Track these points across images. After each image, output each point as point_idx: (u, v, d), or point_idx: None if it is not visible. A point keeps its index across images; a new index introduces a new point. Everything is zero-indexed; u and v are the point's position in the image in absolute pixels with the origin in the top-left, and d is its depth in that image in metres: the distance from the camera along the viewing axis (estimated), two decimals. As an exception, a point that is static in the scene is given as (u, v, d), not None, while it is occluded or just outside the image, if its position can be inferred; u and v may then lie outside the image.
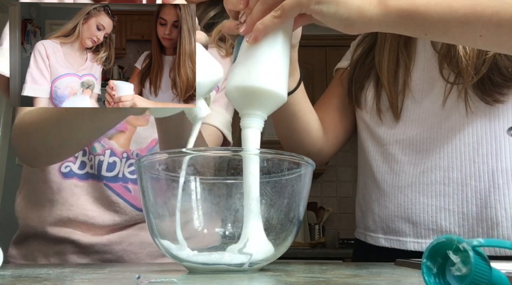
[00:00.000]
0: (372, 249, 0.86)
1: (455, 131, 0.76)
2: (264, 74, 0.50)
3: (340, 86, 0.92)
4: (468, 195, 0.74)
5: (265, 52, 0.51)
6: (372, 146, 0.86)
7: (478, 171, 0.74)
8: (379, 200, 0.84)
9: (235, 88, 0.51)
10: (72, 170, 0.79)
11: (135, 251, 0.79)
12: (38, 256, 0.79)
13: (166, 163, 0.48)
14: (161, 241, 0.47)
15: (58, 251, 0.78)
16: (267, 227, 0.47)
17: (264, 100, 0.51)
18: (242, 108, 0.52)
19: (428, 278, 0.29)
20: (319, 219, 3.03)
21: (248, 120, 0.51)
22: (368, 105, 0.85)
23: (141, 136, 0.81)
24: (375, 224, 0.85)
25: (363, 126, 0.89)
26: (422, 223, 0.77)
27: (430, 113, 0.79)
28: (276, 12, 0.50)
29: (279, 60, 0.52)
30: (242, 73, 0.51)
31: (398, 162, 0.81)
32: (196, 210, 0.47)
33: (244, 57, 0.52)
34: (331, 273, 0.46)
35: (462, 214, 0.75)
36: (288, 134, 0.80)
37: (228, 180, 0.49)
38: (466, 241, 0.26)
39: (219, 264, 0.44)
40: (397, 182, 0.81)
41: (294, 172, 0.48)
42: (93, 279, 0.42)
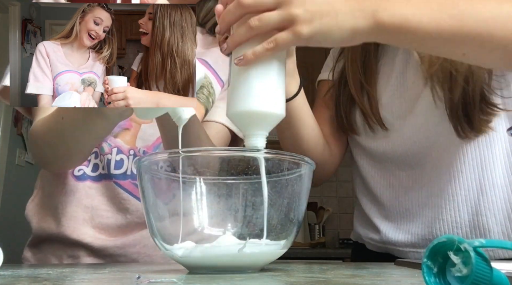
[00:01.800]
0: (371, 253, 0.89)
1: (441, 145, 0.79)
2: (262, 98, 0.51)
3: (328, 102, 0.91)
4: (459, 204, 0.77)
5: (260, 75, 0.51)
6: (367, 163, 0.88)
7: (466, 181, 0.77)
8: (380, 213, 0.86)
9: (235, 113, 0.52)
10: (85, 172, 0.79)
11: (149, 254, 0.79)
12: (52, 259, 0.79)
13: (166, 163, 0.48)
14: (161, 241, 0.47)
15: (72, 255, 0.78)
16: (267, 227, 0.47)
17: (264, 121, 0.52)
18: (244, 129, 0.52)
19: (429, 278, 0.29)
20: (319, 219, 3.03)
21: (253, 141, 0.51)
22: (360, 128, 0.86)
23: (147, 134, 0.81)
24: (376, 235, 0.87)
25: (355, 144, 0.90)
26: (419, 233, 0.80)
27: (415, 128, 0.80)
28: (269, 44, 0.50)
29: (275, 80, 0.52)
30: (240, 98, 0.51)
31: (396, 176, 0.84)
32: (196, 210, 0.47)
33: (239, 80, 0.52)
34: (331, 273, 0.46)
35: (455, 223, 0.78)
36: (296, 143, 0.79)
37: (228, 180, 0.49)
38: (467, 242, 0.26)
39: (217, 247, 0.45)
40: (397, 196, 0.84)
41: (294, 172, 0.48)
42: (93, 279, 0.42)
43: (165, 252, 0.47)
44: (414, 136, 0.81)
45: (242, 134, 0.53)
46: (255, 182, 0.47)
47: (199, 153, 0.50)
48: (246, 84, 0.51)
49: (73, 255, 0.78)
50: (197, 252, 0.45)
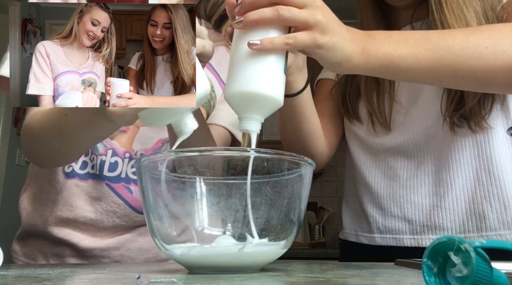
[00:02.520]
0: (364, 248, 0.91)
1: (440, 136, 0.83)
2: (262, 80, 0.51)
3: (329, 99, 0.96)
4: (457, 193, 0.83)
5: (262, 59, 0.52)
6: (362, 154, 0.92)
7: (464, 171, 0.83)
8: (374, 202, 0.90)
9: (234, 94, 0.52)
10: (74, 169, 0.78)
11: (132, 257, 0.79)
12: (38, 255, 0.79)
13: (166, 162, 0.48)
14: (160, 241, 0.47)
15: (57, 253, 0.78)
16: (267, 227, 0.47)
17: (262, 105, 0.52)
18: (240, 112, 0.53)
19: (429, 278, 0.29)
20: (319, 219, 3.03)
21: (247, 124, 0.52)
22: (364, 119, 0.91)
23: (145, 137, 0.81)
24: (370, 225, 0.90)
25: (352, 136, 0.94)
26: (417, 221, 0.85)
27: (416, 121, 0.86)
28: (288, 39, 0.52)
29: (276, 67, 0.53)
30: (240, 79, 0.52)
31: (391, 167, 0.88)
32: (196, 210, 0.47)
33: (241, 61, 0.53)
34: (331, 273, 0.46)
35: (453, 210, 0.83)
36: (297, 135, 0.81)
37: (228, 180, 0.49)
38: (467, 242, 0.26)
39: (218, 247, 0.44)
40: (392, 185, 0.88)
41: (294, 172, 0.48)
42: (93, 279, 0.42)
43: (165, 252, 0.47)
44: (414, 129, 0.85)
45: (238, 117, 0.54)
46: (255, 182, 0.47)
47: (199, 153, 0.50)
48: (250, 67, 0.52)
49: (58, 253, 0.78)
50: (197, 252, 0.45)
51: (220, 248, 0.45)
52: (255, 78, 0.51)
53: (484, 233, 0.81)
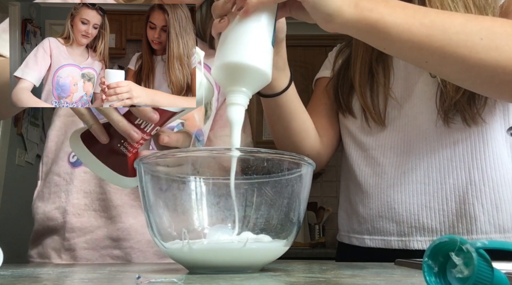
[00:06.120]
0: (356, 250, 0.89)
1: (433, 133, 0.80)
2: (249, 51, 0.51)
3: (325, 97, 0.94)
4: (448, 193, 0.79)
5: (250, 31, 0.52)
6: (354, 150, 0.90)
7: (455, 169, 0.79)
8: (363, 202, 0.87)
9: (221, 65, 0.51)
10: (78, 158, 0.80)
11: (142, 249, 0.81)
12: (51, 254, 0.81)
13: (166, 162, 0.48)
14: (160, 241, 0.47)
15: (69, 247, 0.79)
16: (267, 227, 0.47)
17: (249, 77, 0.51)
18: (227, 85, 0.52)
19: (429, 278, 0.28)
20: (319, 219, 3.03)
21: (233, 97, 0.51)
22: (358, 114, 0.89)
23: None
24: (360, 226, 0.88)
25: (346, 133, 0.92)
26: (405, 221, 0.81)
27: (409, 117, 0.83)
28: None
29: (264, 40, 0.52)
30: (227, 50, 0.51)
31: (380, 164, 0.85)
32: (196, 210, 0.47)
33: (229, 36, 0.52)
34: (331, 273, 0.45)
35: (442, 211, 0.79)
36: (287, 135, 0.80)
37: (228, 180, 0.49)
38: (469, 243, 0.26)
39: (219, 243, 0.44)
40: (380, 183, 0.85)
41: (294, 172, 0.48)
42: (93, 279, 0.42)
43: (165, 251, 0.47)
44: (408, 124, 0.83)
45: (225, 91, 0.53)
46: (255, 182, 0.47)
47: (199, 153, 0.50)
48: (235, 38, 0.51)
49: (70, 247, 0.79)
50: (197, 251, 0.45)
51: (220, 248, 0.45)
52: (240, 47, 0.51)
53: (474, 236, 0.77)
